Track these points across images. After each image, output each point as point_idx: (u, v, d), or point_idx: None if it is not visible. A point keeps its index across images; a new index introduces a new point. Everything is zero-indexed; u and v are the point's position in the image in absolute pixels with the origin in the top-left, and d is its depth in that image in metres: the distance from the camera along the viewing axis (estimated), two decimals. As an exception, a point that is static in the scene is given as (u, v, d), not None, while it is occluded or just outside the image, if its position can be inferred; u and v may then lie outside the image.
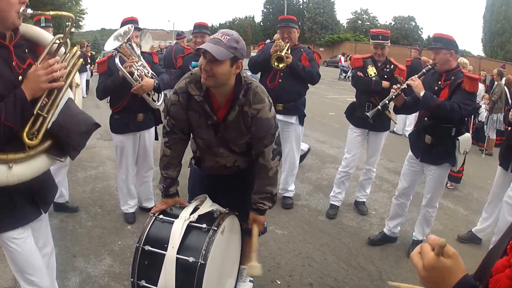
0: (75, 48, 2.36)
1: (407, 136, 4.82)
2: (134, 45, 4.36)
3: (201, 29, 5.49)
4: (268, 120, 2.78)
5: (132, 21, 4.67)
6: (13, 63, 2.13)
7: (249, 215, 3.02)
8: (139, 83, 4.26)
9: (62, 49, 2.33)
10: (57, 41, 2.29)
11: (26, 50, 2.28)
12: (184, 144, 3.02)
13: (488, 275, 1.19)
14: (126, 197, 4.91)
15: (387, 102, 4.23)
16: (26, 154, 2.13)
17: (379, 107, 4.21)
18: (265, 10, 71.66)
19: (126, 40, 4.18)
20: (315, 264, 4.19)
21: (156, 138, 4.98)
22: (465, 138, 3.99)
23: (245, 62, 3.09)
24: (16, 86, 2.08)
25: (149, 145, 4.90)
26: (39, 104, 2.15)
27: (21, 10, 2.07)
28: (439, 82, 4.06)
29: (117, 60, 4.22)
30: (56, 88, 2.19)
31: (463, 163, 6.79)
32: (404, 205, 4.57)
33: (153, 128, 4.87)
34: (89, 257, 4.11)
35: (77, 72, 2.43)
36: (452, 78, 3.97)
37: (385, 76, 5.00)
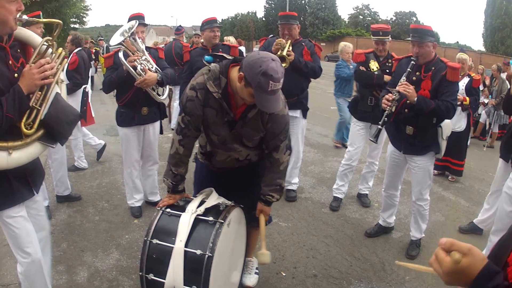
0: (60, 49, 2.69)
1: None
2: (138, 40, 4.42)
3: (212, 24, 5.49)
4: (284, 116, 2.86)
5: (138, 17, 4.73)
6: (9, 62, 2.43)
7: (257, 205, 3.11)
8: (142, 77, 4.33)
9: (43, 48, 2.63)
10: (45, 43, 2.61)
11: (18, 50, 2.58)
12: (195, 141, 3.05)
13: (502, 264, 1.21)
14: (132, 191, 4.98)
15: (385, 119, 4.06)
16: (23, 141, 2.45)
17: (379, 126, 4.15)
18: (267, 6, 71.49)
19: (130, 35, 4.26)
20: (319, 255, 4.26)
21: (161, 132, 5.06)
22: (446, 124, 4.02)
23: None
24: (12, 83, 2.39)
25: (154, 139, 4.96)
26: (33, 98, 2.47)
27: (17, 16, 2.36)
28: (418, 73, 3.99)
29: (120, 55, 4.29)
30: (47, 84, 2.52)
31: (465, 157, 6.88)
32: (394, 195, 4.61)
33: (158, 122, 4.93)
34: (97, 251, 4.18)
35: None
36: (433, 68, 3.92)
37: (387, 71, 5.03)
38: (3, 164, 2.35)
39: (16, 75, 2.43)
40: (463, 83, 6.67)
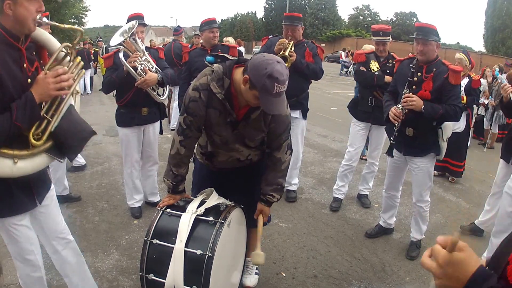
0: (79, 58, 2.54)
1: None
2: (138, 40, 4.41)
3: (212, 24, 5.49)
4: (286, 117, 2.88)
5: (138, 17, 4.72)
6: (24, 65, 2.29)
7: (256, 205, 3.12)
8: (142, 77, 4.32)
9: (61, 54, 2.50)
10: (64, 50, 2.49)
11: (34, 53, 2.45)
12: (196, 142, 3.05)
13: (503, 263, 1.22)
14: (132, 191, 4.97)
15: (396, 134, 4.08)
16: (30, 152, 2.32)
17: (392, 142, 4.15)
18: (267, 6, 71.55)
19: (130, 35, 4.25)
20: (319, 256, 4.25)
21: (161, 132, 5.05)
22: (447, 126, 4.01)
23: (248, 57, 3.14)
24: (24, 89, 2.26)
25: (154, 139, 4.95)
26: (45, 108, 2.36)
27: (37, 18, 2.24)
28: (419, 74, 3.97)
29: (121, 55, 4.28)
30: (62, 95, 2.41)
31: (465, 158, 6.87)
32: (394, 197, 4.61)
33: (158, 122, 4.92)
34: (97, 252, 4.17)
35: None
36: (434, 69, 3.91)
37: (388, 71, 5.04)
38: (7, 172, 2.24)
39: (29, 80, 2.29)
40: (462, 84, 6.65)
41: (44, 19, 2.31)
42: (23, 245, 2.60)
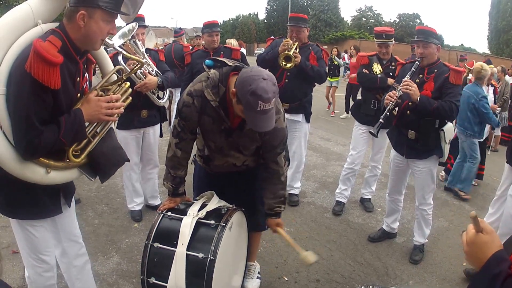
0: (128, 84, 2.58)
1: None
2: (138, 42, 4.37)
3: (212, 28, 5.48)
4: (282, 130, 2.83)
5: (138, 18, 4.67)
6: (77, 79, 2.30)
7: (267, 220, 3.18)
8: (142, 80, 4.28)
9: (114, 77, 2.56)
10: (117, 73, 2.58)
11: (85, 66, 2.46)
12: (192, 144, 3.02)
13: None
14: (132, 194, 4.93)
15: (388, 114, 4.03)
16: (65, 164, 2.35)
17: (381, 120, 4.12)
18: (269, 7, 71.45)
19: (130, 38, 4.19)
20: (321, 260, 4.21)
21: (161, 135, 5.01)
22: (449, 128, 3.99)
23: (249, 59, 3.11)
24: (73, 101, 2.29)
25: (154, 142, 4.90)
26: (88, 127, 2.38)
27: (106, 39, 2.32)
28: (421, 75, 4.00)
29: (120, 58, 4.23)
30: (109, 121, 2.46)
31: (484, 161, 6.79)
32: (398, 200, 4.58)
33: (158, 125, 4.88)
34: (97, 255, 4.13)
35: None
36: (436, 70, 3.93)
37: (391, 74, 5.01)
38: (37, 179, 2.26)
39: (78, 94, 2.32)
40: (490, 93, 6.66)
41: (110, 42, 2.39)
42: (40, 245, 2.59)
